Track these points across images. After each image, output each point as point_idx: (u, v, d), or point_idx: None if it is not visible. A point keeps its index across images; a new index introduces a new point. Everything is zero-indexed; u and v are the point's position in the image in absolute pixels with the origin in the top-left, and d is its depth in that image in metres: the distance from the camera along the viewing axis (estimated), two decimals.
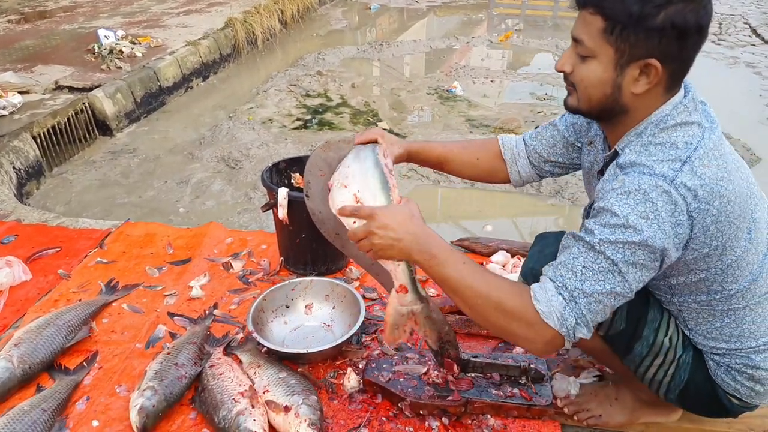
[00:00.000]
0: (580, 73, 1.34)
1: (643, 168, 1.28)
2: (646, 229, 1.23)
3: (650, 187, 1.24)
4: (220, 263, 2.59)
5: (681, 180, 1.23)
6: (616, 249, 1.25)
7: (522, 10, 10.21)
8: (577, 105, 1.40)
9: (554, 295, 1.30)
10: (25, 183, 4.01)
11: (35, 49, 6.10)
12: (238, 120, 5.22)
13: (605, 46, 1.28)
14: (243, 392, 1.79)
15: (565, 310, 1.29)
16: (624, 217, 1.24)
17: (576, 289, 1.28)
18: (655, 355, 1.51)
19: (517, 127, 5.11)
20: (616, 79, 1.30)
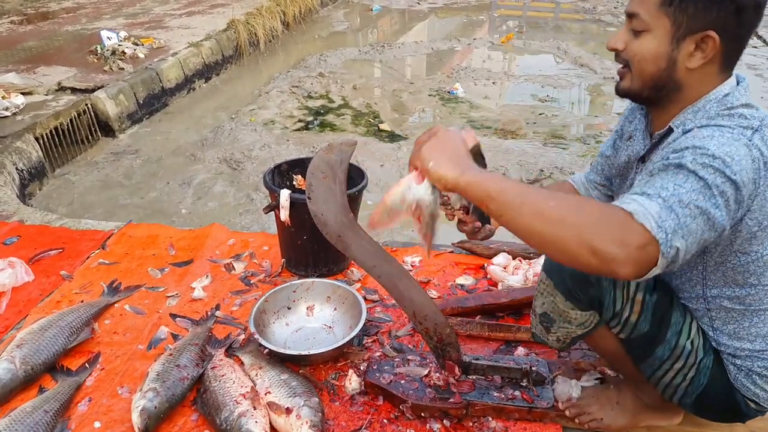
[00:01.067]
0: (633, 48, 1.32)
1: (721, 126, 1.23)
2: (734, 166, 1.15)
3: (733, 136, 1.20)
4: (222, 264, 2.60)
5: (755, 143, 1.21)
6: (708, 172, 1.14)
7: (523, 12, 10.21)
8: (629, 86, 1.37)
9: (647, 200, 1.12)
10: (27, 184, 4.02)
11: (38, 51, 6.11)
12: (240, 121, 5.23)
13: (662, 18, 1.26)
14: (245, 394, 1.79)
15: (662, 212, 1.10)
16: (712, 149, 1.17)
17: (672, 198, 1.12)
18: (676, 358, 1.50)
19: (518, 128, 5.11)
20: (671, 53, 1.28)
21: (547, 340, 1.63)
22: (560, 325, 1.56)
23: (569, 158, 4.48)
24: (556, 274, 1.49)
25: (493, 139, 4.89)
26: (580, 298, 1.48)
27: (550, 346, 1.65)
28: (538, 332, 1.65)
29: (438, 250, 2.73)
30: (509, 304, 2.24)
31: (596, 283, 1.46)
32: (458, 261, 2.64)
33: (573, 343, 1.62)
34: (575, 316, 1.52)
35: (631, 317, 1.48)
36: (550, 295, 1.53)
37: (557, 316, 1.54)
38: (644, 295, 1.47)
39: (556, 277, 1.49)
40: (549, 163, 4.27)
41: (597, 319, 1.52)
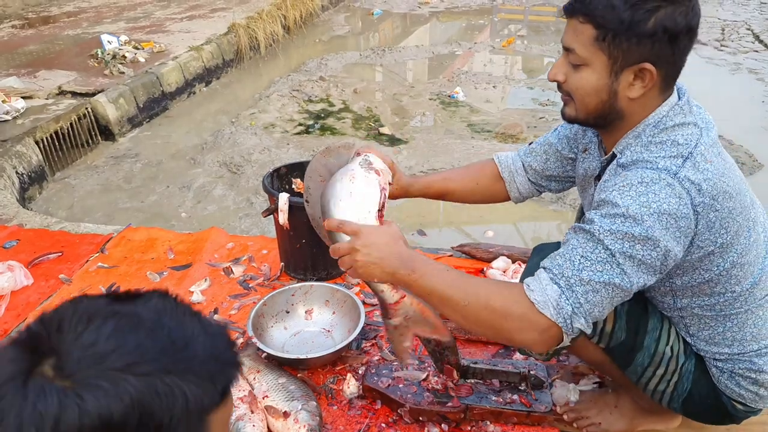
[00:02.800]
0: (574, 82, 1.34)
1: (646, 163, 1.27)
2: (648, 220, 1.20)
3: (653, 179, 1.23)
4: (221, 268, 2.59)
5: (684, 174, 1.23)
6: (615, 239, 1.22)
7: (525, 16, 10.22)
8: (575, 114, 1.39)
9: (549, 283, 1.26)
10: (27, 188, 4.03)
11: (39, 55, 6.13)
12: (241, 125, 5.23)
13: (598, 53, 1.27)
14: (242, 397, 1.79)
15: (561, 298, 1.24)
16: (625, 207, 1.22)
17: (573, 277, 1.24)
18: (657, 365, 1.50)
19: (519, 132, 5.11)
20: (611, 86, 1.30)
21: (531, 352, 1.64)
22: None
23: None
24: None
25: (494, 143, 4.89)
26: None
27: (535, 358, 1.68)
28: None
29: (437, 254, 2.72)
30: None
31: None
32: (458, 265, 2.63)
33: (556, 354, 1.62)
34: None
35: (606, 327, 1.48)
36: None
37: None
38: None
39: None
40: None
41: None
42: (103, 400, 0.62)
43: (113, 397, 0.62)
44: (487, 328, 1.33)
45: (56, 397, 0.61)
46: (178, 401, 0.66)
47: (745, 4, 10.30)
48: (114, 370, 0.64)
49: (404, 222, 3.75)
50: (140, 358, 0.66)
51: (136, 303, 0.72)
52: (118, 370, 0.64)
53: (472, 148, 4.74)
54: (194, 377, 0.68)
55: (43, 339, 0.66)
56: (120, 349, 0.65)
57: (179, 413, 0.66)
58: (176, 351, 0.68)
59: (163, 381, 0.65)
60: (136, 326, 0.68)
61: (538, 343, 1.28)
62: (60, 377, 0.63)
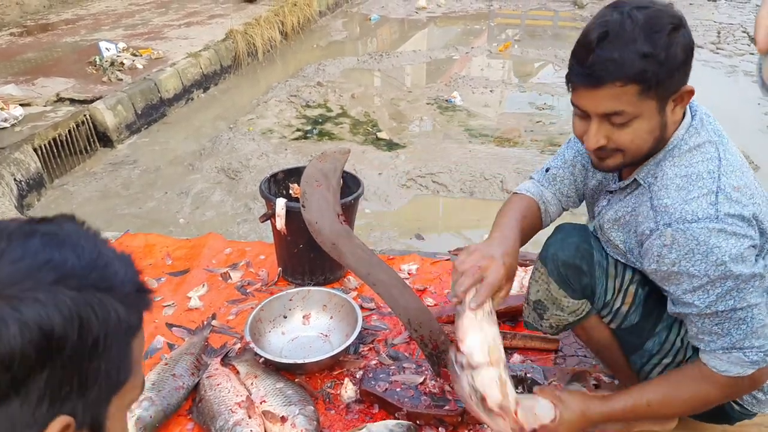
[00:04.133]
0: (625, 137, 1.32)
1: (686, 218, 1.31)
2: (732, 271, 1.28)
3: (705, 237, 1.28)
4: (219, 274, 2.60)
5: (724, 212, 1.28)
6: (725, 300, 1.31)
7: (522, 20, 10.25)
8: (621, 162, 1.39)
9: (725, 355, 1.37)
10: (26, 195, 4.03)
11: (37, 62, 6.14)
12: (239, 131, 5.24)
13: (646, 102, 1.28)
14: (240, 403, 1.79)
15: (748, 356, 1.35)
16: (704, 274, 1.30)
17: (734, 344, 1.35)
18: (665, 353, 1.53)
19: (517, 136, 5.12)
20: (661, 121, 1.33)
21: (540, 326, 1.68)
22: (553, 312, 1.60)
23: None
24: (550, 262, 1.55)
25: (491, 147, 4.91)
26: (574, 287, 1.54)
27: (543, 331, 1.70)
28: (531, 320, 1.69)
29: (435, 258, 2.73)
30: (505, 311, 2.23)
31: (589, 273, 1.52)
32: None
33: (565, 329, 1.66)
34: (567, 304, 1.56)
35: (622, 308, 1.53)
36: (544, 282, 1.58)
37: (550, 303, 1.59)
38: (636, 287, 1.52)
39: (550, 264, 1.55)
40: None
41: (588, 308, 1.57)
42: (42, 312, 0.61)
43: (51, 307, 0.61)
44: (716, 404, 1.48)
45: None
46: (110, 317, 0.66)
47: (740, 6, 10.34)
48: (47, 284, 0.63)
49: (402, 227, 3.76)
50: (71, 273, 0.65)
51: (51, 224, 0.71)
52: (50, 283, 0.63)
53: (469, 152, 4.75)
54: (119, 296, 0.68)
55: None
56: (50, 263, 0.64)
57: (113, 330, 0.66)
58: (100, 269, 0.68)
59: (95, 296, 0.65)
60: (59, 243, 0.67)
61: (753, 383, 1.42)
62: None
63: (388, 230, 3.72)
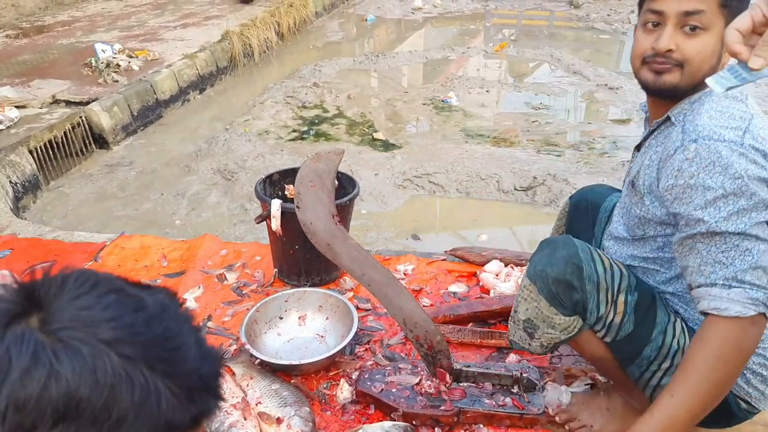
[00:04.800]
0: (692, 47, 1.36)
1: (713, 134, 1.32)
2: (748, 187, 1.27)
3: (727, 152, 1.29)
4: (215, 275, 2.60)
5: (748, 143, 1.30)
6: (736, 221, 1.28)
7: (518, 21, 10.26)
8: (678, 82, 1.41)
9: (725, 291, 1.30)
10: (21, 197, 4.02)
11: (33, 64, 6.12)
12: (235, 132, 5.23)
13: (720, 18, 1.33)
14: (235, 404, 1.79)
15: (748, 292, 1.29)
16: (720, 186, 1.28)
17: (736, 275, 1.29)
18: (663, 358, 1.51)
19: (513, 136, 5.12)
20: (720, 51, 1.36)
21: (529, 346, 1.63)
22: (544, 331, 1.56)
23: (563, 165, 4.49)
24: (539, 279, 1.50)
25: (487, 147, 4.91)
26: (565, 304, 1.50)
27: (532, 352, 1.65)
28: (518, 339, 1.65)
29: (431, 258, 2.73)
30: (501, 311, 2.24)
31: (580, 288, 1.48)
32: (451, 269, 2.64)
33: (555, 348, 1.63)
34: (559, 321, 1.53)
35: (615, 319, 1.50)
36: (533, 300, 1.54)
37: (541, 321, 1.55)
38: (626, 296, 1.50)
39: (539, 282, 1.51)
40: (542, 171, 4.28)
41: (580, 324, 1.54)
42: (78, 368, 0.58)
43: (89, 367, 0.58)
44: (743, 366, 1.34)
45: (32, 348, 0.58)
46: (149, 400, 0.61)
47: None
48: (100, 341, 0.60)
49: (399, 227, 3.76)
50: (129, 339, 0.61)
51: (143, 290, 0.69)
52: (103, 342, 0.60)
53: (465, 152, 4.75)
54: (174, 385, 0.63)
55: (42, 290, 0.64)
56: (113, 322, 0.61)
57: (146, 414, 0.61)
58: (167, 349, 0.64)
59: (143, 373, 0.61)
60: (136, 308, 0.64)
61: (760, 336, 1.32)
62: (44, 331, 0.60)
63: (385, 231, 3.72)
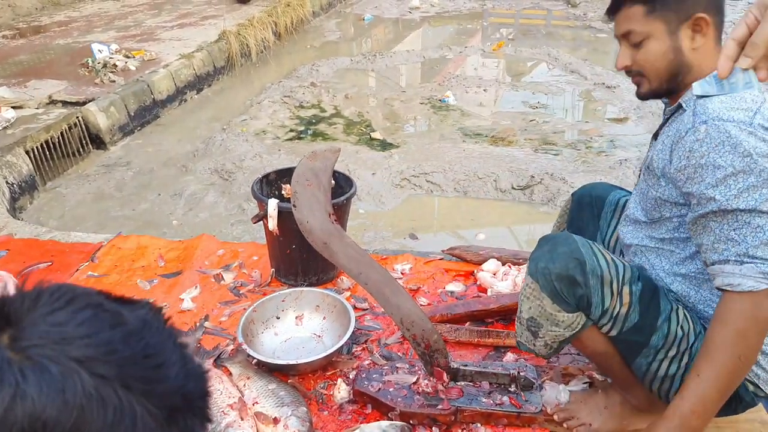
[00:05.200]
0: (641, 57, 1.50)
1: (722, 115, 1.35)
2: (757, 165, 1.30)
3: (736, 131, 1.32)
4: (212, 275, 2.59)
5: (757, 122, 1.33)
6: (746, 198, 1.31)
7: (515, 19, 10.26)
8: (649, 88, 1.53)
9: (737, 267, 1.33)
10: (18, 198, 4.01)
11: (29, 64, 6.11)
12: (232, 132, 5.22)
13: (654, 23, 1.45)
14: (232, 404, 1.78)
15: (759, 267, 1.31)
16: (729, 164, 1.32)
17: (748, 251, 1.32)
18: (670, 345, 1.51)
19: (511, 135, 5.12)
20: (674, 45, 1.46)
21: (534, 346, 1.62)
22: (548, 329, 1.55)
23: (560, 164, 4.49)
24: (541, 277, 1.50)
25: (485, 146, 4.90)
26: (568, 300, 1.50)
27: (537, 353, 1.64)
28: (524, 340, 1.64)
29: (428, 258, 2.73)
30: (498, 310, 2.24)
31: (583, 283, 1.47)
32: (448, 268, 2.64)
33: (560, 349, 1.62)
34: (563, 319, 1.52)
35: (621, 310, 1.50)
36: (536, 298, 1.53)
37: (544, 319, 1.54)
38: (630, 286, 1.51)
39: (542, 279, 1.50)
40: (540, 170, 4.28)
41: (584, 320, 1.53)
42: (45, 387, 0.54)
43: (57, 386, 0.55)
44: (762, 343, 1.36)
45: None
46: (124, 422, 0.57)
47: (732, 4, 10.36)
48: (71, 359, 0.56)
49: (396, 227, 3.76)
50: (104, 357, 0.57)
51: (124, 305, 0.65)
52: (74, 360, 0.56)
53: (463, 151, 4.75)
54: (152, 405, 0.59)
55: (14, 305, 0.60)
56: (86, 339, 0.58)
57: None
58: (146, 367, 0.60)
59: (117, 392, 0.57)
60: (114, 324, 0.60)
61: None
62: (13, 348, 0.56)
63: (382, 230, 3.71)
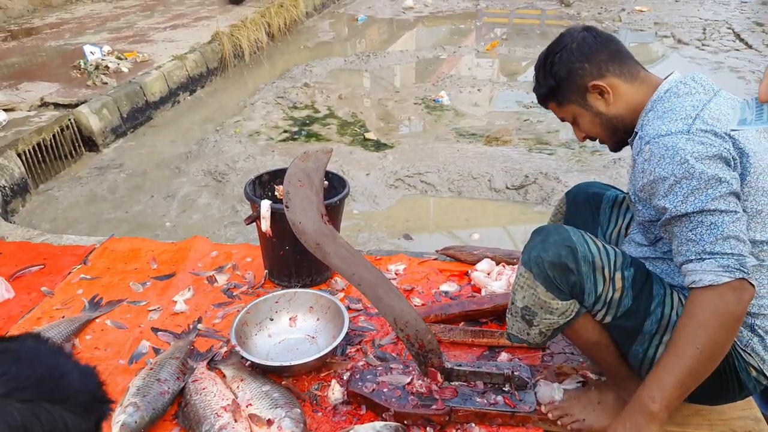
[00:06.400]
0: (584, 130, 1.72)
1: (661, 133, 1.45)
2: (696, 168, 1.37)
3: (674, 142, 1.41)
4: (205, 277, 2.58)
5: (696, 128, 1.41)
6: (693, 200, 1.38)
7: (509, 19, 10.26)
8: (609, 144, 1.72)
9: (699, 264, 1.37)
10: (10, 201, 3.99)
11: (21, 66, 6.08)
12: (225, 133, 5.21)
13: (568, 108, 1.69)
14: (226, 407, 1.78)
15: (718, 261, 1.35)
16: (671, 174, 1.40)
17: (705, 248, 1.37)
18: (664, 330, 1.53)
19: (506, 135, 5.12)
20: (594, 112, 1.65)
21: (528, 336, 1.64)
22: (543, 317, 1.58)
23: (554, 164, 4.49)
24: (535, 265, 1.53)
25: (479, 146, 4.90)
26: (561, 287, 1.53)
27: (531, 341, 1.66)
28: (516, 331, 1.66)
29: (422, 258, 2.72)
30: (492, 309, 2.23)
31: (576, 270, 1.51)
32: (442, 268, 2.64)
33: (554, 335, 1.64)
34: (557, 306, 1.55)
35: (614, 295, 1.53)
36: (530, 287, 1.56)
37: (539, 308, 1.57)
38: (622, 271, 1.54)
39: (535, 268, 1.53)
40: (534, 169, 4.28)
41: (577, 308, 1.56)
42: None
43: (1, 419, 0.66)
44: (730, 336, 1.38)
45: None
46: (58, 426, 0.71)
47: (725, 3, 10.41)
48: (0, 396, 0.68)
49: (391, 227, 3.75)
50: (22, 385, 0.70)
51: (11, 342, 0.79)
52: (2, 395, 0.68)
53: (457, 151, 4.75)
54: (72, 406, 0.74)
55: None
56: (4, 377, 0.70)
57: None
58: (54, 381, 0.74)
59: (44, 407, 0.71)
60: (15, 359, 0.74)
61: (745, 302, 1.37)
62: None
63: (377, 231, 3.70)
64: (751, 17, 9.42)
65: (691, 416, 1.74)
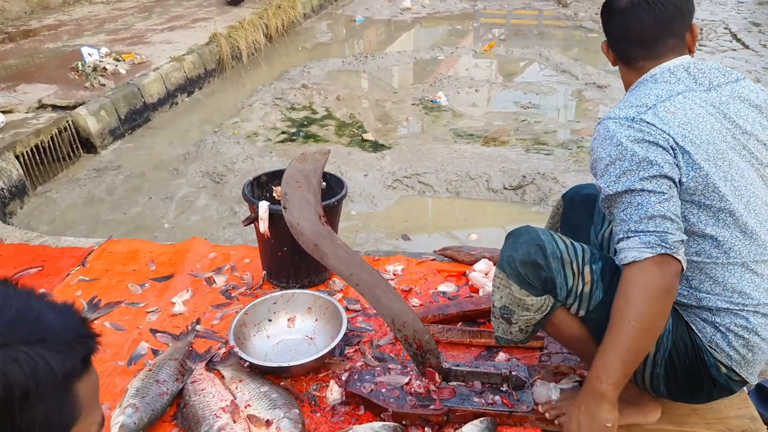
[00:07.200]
0: None
1: (611, 114, 1.52)
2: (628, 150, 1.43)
3: (615, 127, 1.47)
4: (203, 278, 2.58)
5: (642, 118, 1.46)
6: (623, 181, 1.43)
7: (507, 20, 10.28)
8: None
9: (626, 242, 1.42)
10: (8, 203, 3.99)
11: (19, 68, 6.08)
12: (223, 134, 5.22)
13: None
14: (224, 407, 1.78)
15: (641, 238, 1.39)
16: (607, 155, 1.46)
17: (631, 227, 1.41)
18: None
19: (504, 135, 5.13)
20: None
21: (511, 335, 1.70)
22: (520, 314, 1.63)
23: (552, 164, 4.50)
24: (507, 265, 1.60)
25: (477, 147, 4.91)
26: (534, 284, 1.58)
27: (515, 340, 1.72)
28: (501, 332, 1.72)
29: (420, 258, 2.73)
30: (490, 310, 2.23)
31: (546, 266, 1.57)
32: (440, 268, 2.64)
33: (535, 332, 1.69)
34: (532, 302, 1.60)
35: (584, 289, 1.58)
36: (505, 287, 1.62)
37: (515, 306, 1.63)
38: (591, 265, 1.59)
39: (507, 267, 1.60)
40: (532, 169, 4.29)
41: (552, 302, 1.61)
42: None
43: None
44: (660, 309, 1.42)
45: None
46: (39, 367, 0.69)
47: (722, 3, 10.43)
48: None
49: (389, 228, 3.76)
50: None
51: None
52: None
53: (455, 152, 4.76)
54: (52, 345, 0.71)
55: None
56: None
57: (44, 379, 0.69)
58: (28, 323, 0.72)
59: (20, 350, 0.68)
60: None
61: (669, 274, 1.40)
62: None
63: (375, 231, 3.71)
64: (747, 17, 9.45)
65: (688, 415, 1.75)
